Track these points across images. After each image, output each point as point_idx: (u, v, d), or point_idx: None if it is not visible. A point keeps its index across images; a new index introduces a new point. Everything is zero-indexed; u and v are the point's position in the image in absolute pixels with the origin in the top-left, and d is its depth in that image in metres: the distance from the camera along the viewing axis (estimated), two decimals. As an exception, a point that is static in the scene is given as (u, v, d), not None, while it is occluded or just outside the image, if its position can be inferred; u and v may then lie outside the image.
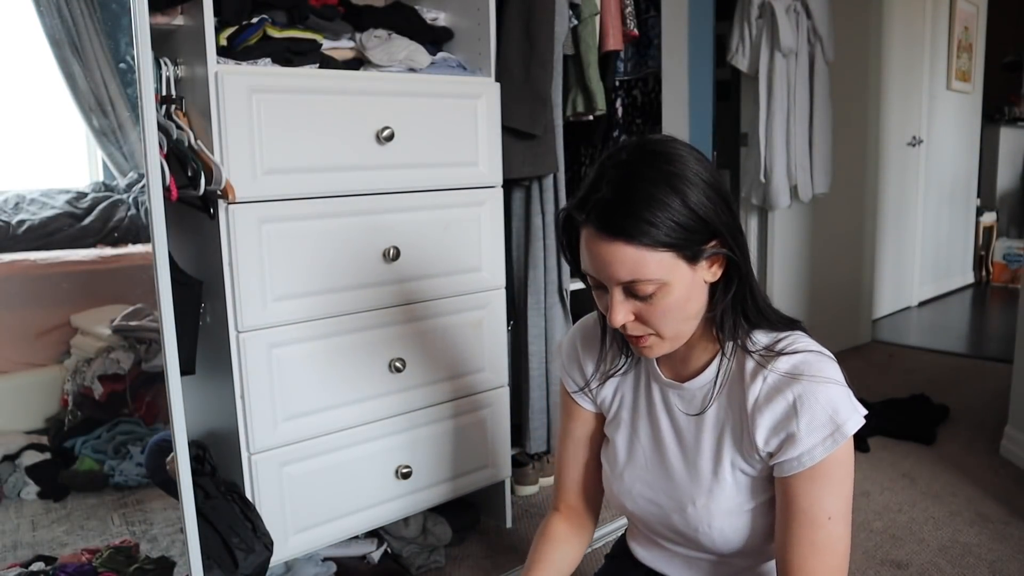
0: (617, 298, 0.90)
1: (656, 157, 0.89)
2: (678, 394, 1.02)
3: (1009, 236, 5.58)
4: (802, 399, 0.90)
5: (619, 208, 0.86)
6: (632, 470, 1.07)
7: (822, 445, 0.90)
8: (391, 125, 1.64)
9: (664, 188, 0.86)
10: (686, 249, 0.88)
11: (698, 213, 0.87)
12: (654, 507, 1.05)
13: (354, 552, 1.83)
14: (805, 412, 0.90)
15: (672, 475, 1.03)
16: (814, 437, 0.90)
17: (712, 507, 0.99)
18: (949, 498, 2.19)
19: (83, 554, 1.63)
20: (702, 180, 0.88)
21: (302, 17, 1.62)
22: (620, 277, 0.88)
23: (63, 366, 1.96)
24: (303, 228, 1.57)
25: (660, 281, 0.88)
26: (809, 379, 0.90)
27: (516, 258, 2.10)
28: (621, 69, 2.30)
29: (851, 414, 0.90)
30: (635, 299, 0.90)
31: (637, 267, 0.87)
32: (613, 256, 0.87)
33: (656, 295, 0.89)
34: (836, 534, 0.93)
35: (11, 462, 1.87)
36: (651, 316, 0.91)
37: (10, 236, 1.83)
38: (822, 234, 3.62)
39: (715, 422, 0.99)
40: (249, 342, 1.52)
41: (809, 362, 0.92)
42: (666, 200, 0.86)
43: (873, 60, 3.75)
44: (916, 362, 3.61)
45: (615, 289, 0.90)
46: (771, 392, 0.92)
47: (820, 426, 0.89)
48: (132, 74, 1.37)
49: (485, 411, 1.92)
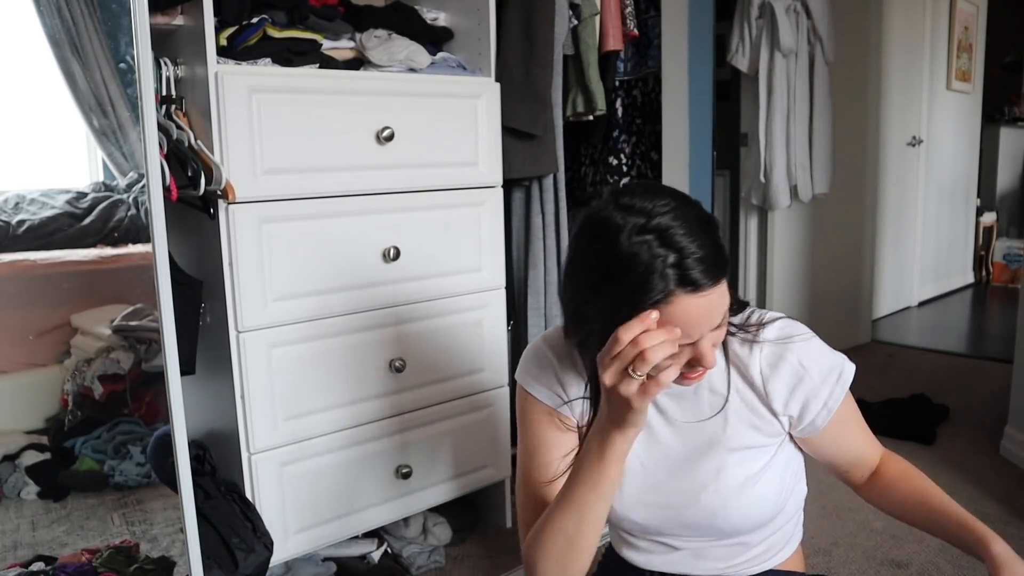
0: (708, 345, 0.86)
1: (678, 193, 0.87)
2: (666, 394, 1.02)
3: (1009, 236, 5.58)
4: (804, 357, 0.98)
5: (714, 252, 0.82)
6: (633, 482, 1.04)
7: (838, 386, 0.98)
8: (391, 125, 1.64)
9: (695, 212, 0.84)
10: None
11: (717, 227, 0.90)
12: (665, 510, 1.03)
13: (354, 552, 1.83)
14: (812, 366, 0.97)
15: (676, 471, 1.02)
16: (828, 384, 0.98)
17: (723, 488, 1.00)
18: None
19: (83, 554, 1.63)
20: None
21: (302, 17, 1.62)
22: (716, 321, 0.85)
23: (63, 366, 1.96)
24: (303, 228, 1.57)
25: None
26: (799, 338, 0.99)
27: (516, 258, 2.10)
28: (621, 69, 2.30)
29: (834, 352, 1.01)
30: None
31: (724, 301, 0.85)
32: (721, 300, 0.84)
33: (720, 324, 0.88)
34: (856, 409, 1.06)
35: (11, 462, 1.87)
36: (716, 342, 0.90)
37: (10, 236, 1.82)
38: (822, 234, 3.62)
39: (711, 407, 1.01)
40: (249, 342, 1.52)
41: (789, 324, 1.00)
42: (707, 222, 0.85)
43: (873, 60, 3.75)
44: (916, 362, 3.61)
45: (709, 335, 0.86)
46: (773, 359, 0.98)
47: (828, 372, 0.98)
48: (132, 74, 1.37)
49: (485, 411, 1.91)
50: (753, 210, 3.40)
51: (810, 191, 3.29)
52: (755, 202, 3.27)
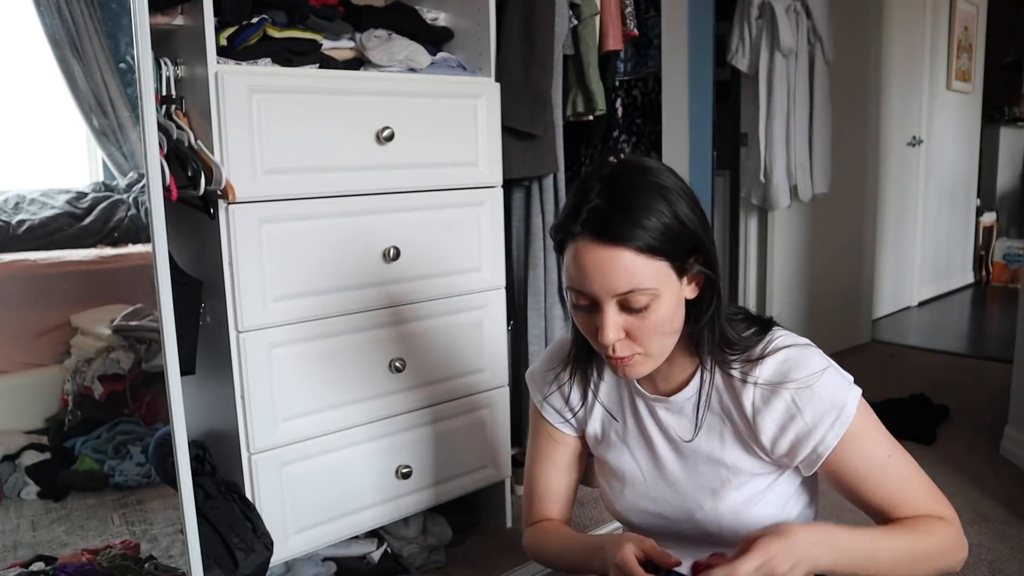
0: (610, 312, 0.89)
1: (642, 170, 0.90)
2: (665, 407, 1.03)
3: (1009, 236, 5.58)
4: (800, 394, 0.92)
5: (615, 214, 0.86)
6: (633, 488, 1.07)
7: (832, 430, 0.92)
8: (391, 125, 1.64)
9: (655, 196, 0.87)
10: (675, 259, 0.88)
11: (685, 223, 0.88)
12: (661, 519, 1.06)
13: (354, 552, 1.83)
14: (807, 406, 0.92)
15: (674, 486, 1.03)
16: (823, 426, 0.92)
17: (720, 508, 1.00)
18: (949, 498, 2.17)
19: (83, 554, 1.63)
20: (685, 194, 0.90)
21: (302, 17, 1.62)
22: (617, 287, 0.87)
23: (63, 366, 1.97)
24: (303, 228, 1.57)
25: (654, 291, 0.88)
26: (798, 373, 0.93)
27: (516, 258, 2.10)
28: (621, 69, 2.30)
29: (847, 390, 0.93)
30: (627, 313, 0.89)
31: (635, 275, 0.86)
32: (613, 264, 0.86)
33: (649, 307, 0.88)
34: (903, 460, 0.96)
35: (11, 462, 1.87)
36: (641, 332, 0.90)
37: (10, 236, 1.83)
38: (822, 234, 3.62)
39: (709, 429, 1.00)
40: (249, 342, 1.52)
41: (792, 358, 0.94)
42: (658, 207, 0.86)
43: (873, 60, 3.75)
44: (916, 362, 3.61)
45: (609, 303, 0.89)
46: (766, 395, 0.94)
47: (825, 413, 0.92)
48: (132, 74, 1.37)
49: (485, 411, 1.91)
50: (753, 210, 3.40)
51: (810, 191, 3.29)
52: (755, 202, 3.27)
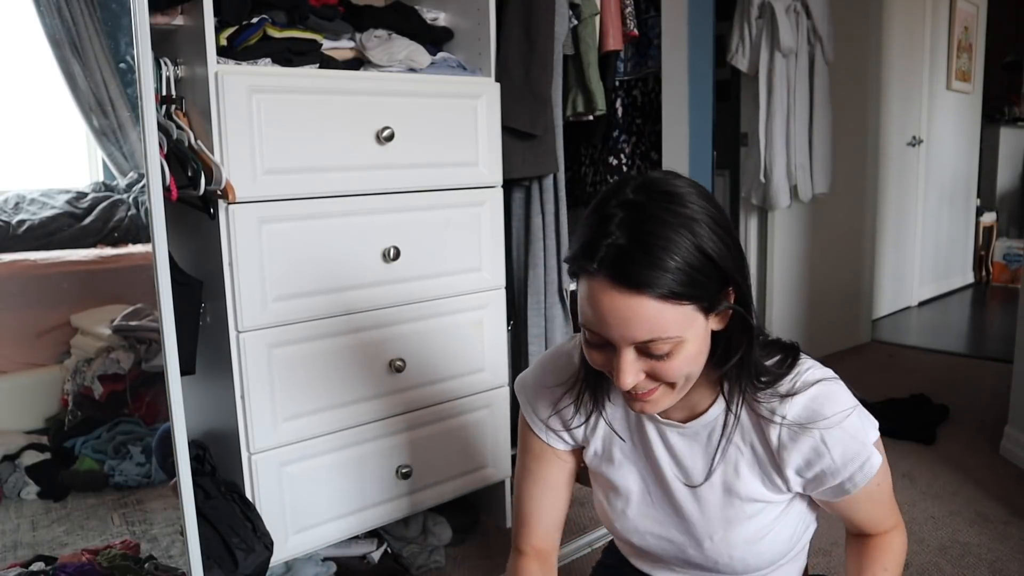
0: (628, 359, 0.82)
1: (668, 197, 0.80)
2: (678, 433, 0.97)
3: (1009, 236, 5.58)
4: (828, 433, 0.89)
5: (637, 254, 0.77)
6: (636, 509, 1.02)
7: (861, 472, 0.90)
8: (391, 125, 1.64)
9: (682, 230, 0.78)
10: (704, 300, 0.81)
11: (714, 259, 0.79)
12: (665, 543, 1.01)
13: (354, 552, 1.83)
14: (836, 445, 0.89)
15: (683, 513, 0.99)
16: (851, 466, 0.90)
17: (732, 539, 0.96)
18: (949, 498, 2.19)
19: (83, 554, 1.63)
20: (714, 221, 0.81)
21: (302, 17, 1.62)
22: (637, 336, 0.79)
23: (63, 366, 1.96)
24: (303, 228, 1.57)
25: (678, 339, 0.80)
26: (828, 411, 0.89)
27: (516, 258, 2.10)
28: (621, 69, 2.30)
29: (871, 431, 0.92)
30: (647, 358, 0.82)
31: (657, 324, 0.78)
32: (631, 312, 0.78)
33: (671, 353, 0.81)
34: (886, 483, 0.98)
35: (11, 462, 1.87)
36: (662, 374, 0.83)
37: (10, 236, 1.83)
38: (822, 234, 3.62)
39: (724, 459, 0.95)
40: (249, 342, 1.52)
41: (822, 394, 0.90)
42: (685, 244, 0.78)
43: (873, 60, 3.75)
44: (916, 362, 3.61)
45: (626, 350, 0.81)
46: (793, 433, 0.90)
47: (854, 454, 0.90)
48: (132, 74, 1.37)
49: (485, 411, 1.91)
50: (753, 210, 3.40)
51: (810, 191, 3.29)
52: (755, 202, 3.27)
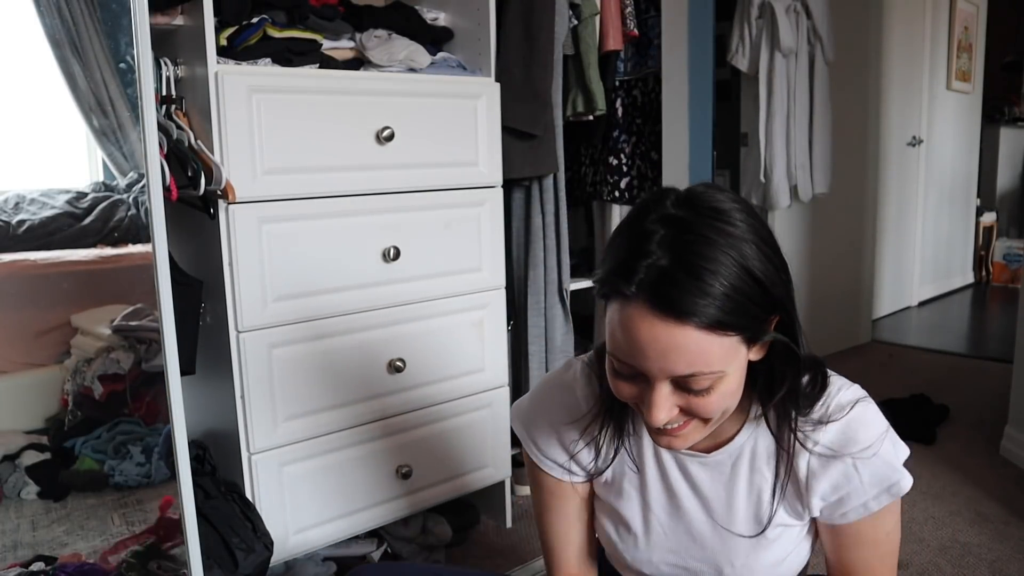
0: (663, 393, 0.74)
1: (714, 214, 0.72)
2: (700, 463, 0.91)
3: (1009, 236, 5.58)
4: (862, 464, 0.85)
5: (681, 277, 0.69)
6: (650, 539, 0.96)
7: (888, 493, 0.86)
8: (391, 125, 1.64)
9: (730, 253, 0.70)
10: (750, 330, 0.73)
11: (764, 283, 0.72)
12: (681, 571, 0.96)
13: (354, 552, 1.83)
14: (866, 468, 0.85)
15: (702, 541, 0.94)
16: (879, 486, 0.85)
17: (754, 565, 0.92)
18: (949, 498, 2.19)
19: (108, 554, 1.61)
20: (763, 241, 0.73)
21: (302, 17, 1.62)
22: (676, 370, 0.72)
23: (63, 366, 1.97)
24: (303, 228, 1.57)
25: (720, 373, 0.73)
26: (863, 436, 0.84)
27: (516, 258, 2.10)
28: (621, 69, 2.30)
29: (901, 453, 0.87)
30: (683, 392, 0.75)
31: (699, 357, 0.71)
32: (672, 343, 0.70)
33: (711, 388, 0.74)
34: (895, 539, 0.91)
35: (11, 462, 1.87)
36: (697, 409, 0.76)
37: (10, 236, 1.83)
38: (822, 234, 3.62)
39: (749, 485, 0.90)
40: (249, 342, 1.52)
41: (855, 419, 0.85)
42: (734, 268, 0.70)
43: (873, 60, 3.75)
44: (916, 362, 3.61)
45: (662, 383, 0.73)
46: (824, 461, 0.86)
47: (884, 476, 0.85)
48: (132, 74, 1.38)
49: (485, 411, 1.91)
50: (753, 210, 3.40)
51: (810, 191, 3.29)
52: (755, 202, 3.27)
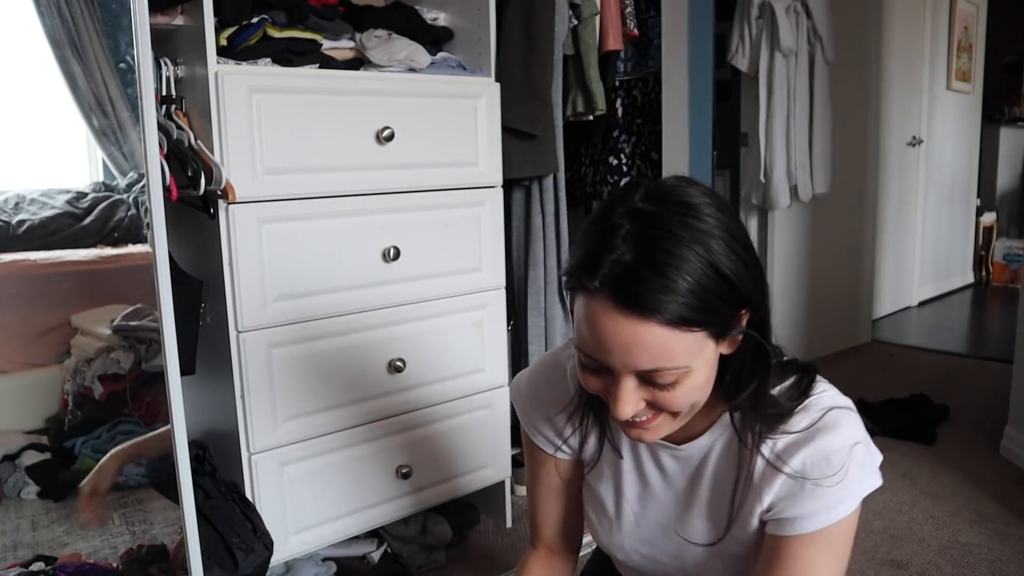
0: (627, 387, 0.74)
1: (683, 208, 0.71)
2: (671, 455, 0.91)
3: (1009, 236, 5.58)
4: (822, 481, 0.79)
5: (645, 272, 0.69)
6: (621, 525, 0.98)
7: (826, 515, 0.79)
8: (391, 125, 1.64)
9: (696, 248, 0.70)
10: (717, 325, 0.73)
11: (730, 279, 0.72)
12: (649, 562, 0.98)
13: (354, 552, 1.83)
14: (814, 472, 0.79)
15: (667, 534, 0.94)
16: (816, 506, 0.79)
17: (713, 562, 0.92)
18: (949, 498, 2.19)
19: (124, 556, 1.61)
20: (731, 236, 0.73)
21: (302, 17, 1.62)
22: (640, 365, 0.72)
23: (63, 366, 1.96)
24: (303, 228, 1.57)
25: (685, 369, 0.73)
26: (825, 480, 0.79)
27: (516, 258, 2.10)
28: (621, 69, 2.30)
29: (867, 480, 0.80)
30: (649, 386, 0.75)
31: (663, 353, 0.71)
32: (636, 338, 0.70)
33: (676, 383, 0.74)
34: (845, 543, 0.83)
35: (11, 462, 1.87)
36: (664, 403, 0.76)
37: (10, 236, 1.83)
38: (822, 234, 3.62)
39: (713, 482, 0.89)
40: (249, 342, 1.52)
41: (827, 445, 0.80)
42: (699, 264, 0.69)
43: (873, 60, 3.75)
44: (916, 362, 3.61)
45: (626, 378, 0.74)
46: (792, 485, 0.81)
47: (836, 501, 0.79)
48: (132, 74, 1.37)
49: (485, 411, 1.91)
50: (753, 210, 3.40)
51: (810, 191, 3.29)
52: (755, 202, 3.27)
